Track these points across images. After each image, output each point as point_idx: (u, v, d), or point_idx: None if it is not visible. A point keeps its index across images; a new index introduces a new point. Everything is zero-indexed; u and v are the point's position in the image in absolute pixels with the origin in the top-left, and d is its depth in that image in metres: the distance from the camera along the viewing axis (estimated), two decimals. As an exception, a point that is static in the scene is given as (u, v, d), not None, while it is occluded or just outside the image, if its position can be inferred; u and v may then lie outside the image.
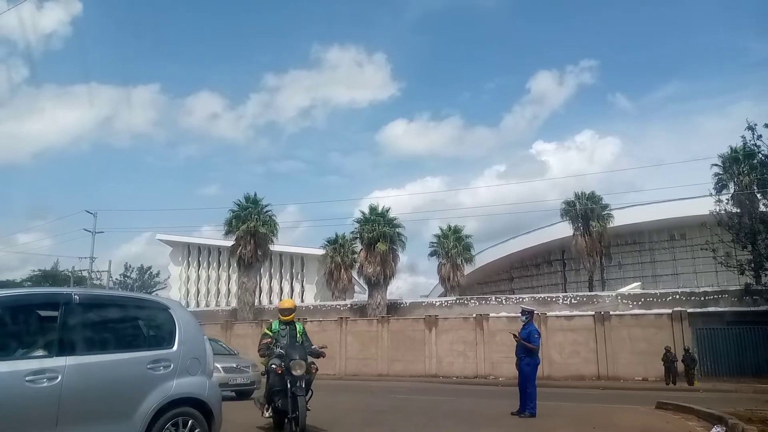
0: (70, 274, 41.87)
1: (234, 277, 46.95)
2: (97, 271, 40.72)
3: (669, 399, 12.06)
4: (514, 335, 10.37)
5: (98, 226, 38.86)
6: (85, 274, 39.64)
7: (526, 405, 9.82)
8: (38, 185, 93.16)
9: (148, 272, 52.94)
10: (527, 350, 10.15)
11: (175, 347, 5.38)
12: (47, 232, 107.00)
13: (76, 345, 4.70)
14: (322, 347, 8.34)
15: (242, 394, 13.50)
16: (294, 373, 7.37)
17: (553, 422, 9.31)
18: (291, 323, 8.40)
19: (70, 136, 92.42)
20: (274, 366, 7.69)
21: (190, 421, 5.20)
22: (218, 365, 11.63)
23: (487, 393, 17.31)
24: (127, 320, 5.47)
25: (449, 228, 37.38)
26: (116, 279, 47.60)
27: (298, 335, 8.24)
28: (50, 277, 44.73)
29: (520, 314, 10.72)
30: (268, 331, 8.43)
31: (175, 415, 5.09)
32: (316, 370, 8.00)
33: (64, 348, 4.59)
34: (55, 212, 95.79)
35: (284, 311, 8.52)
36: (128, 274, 51.90)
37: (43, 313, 4.89)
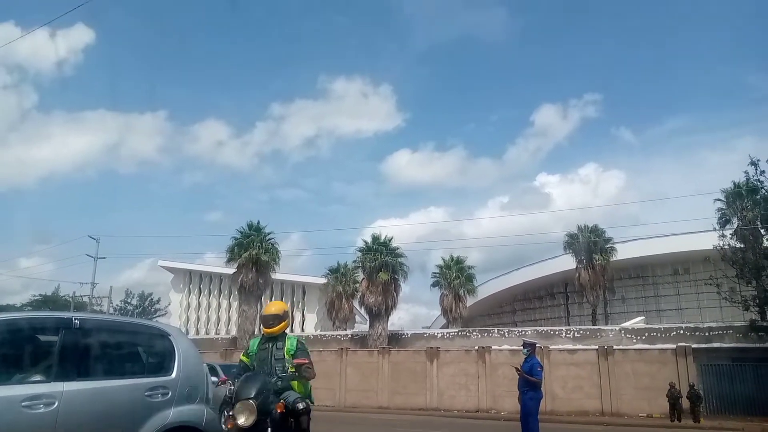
0: (70, 299, 41.74)
1: (234, 305, 46.68)
2: (98, 297, 40.59)
3: None
4: (516, 368, 10.24)
5: (101, 252, 38.95)
6: (86, 299, 39.53)
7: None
8: (43, 210, 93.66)
9: (149, 299, 52.80)
10: (529, 384, 10.00)
11: (173, 374, 5.31)
12: (50, 257, 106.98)
13: (74, 370, 4.65)
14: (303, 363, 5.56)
15: None
16: (239, 423, 5.05)
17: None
18: (275, 338, 5.77)
19: (77, 161, 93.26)
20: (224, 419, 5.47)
21: None
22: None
23: (489, 428, 17.01)
24: (126, 346, 5.43)
25: (452, 259, 37.25)
26: (117, 305, 47.47)
27: (285, 355, 5.64)
28: (51, 302, 44.60)
29: (522, 347, 10.63)
30: (243, 357, 6.01)
31: None
32: (305, 411, 5.45)
33: (62, 373, 4.54)
34: (58, 237, 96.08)
35: (266, 320, 5.85)
36: (129, 301, 51.79)
37: (42, 337, 4.86)
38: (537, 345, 11.20)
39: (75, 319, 4.88)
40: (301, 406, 5.39)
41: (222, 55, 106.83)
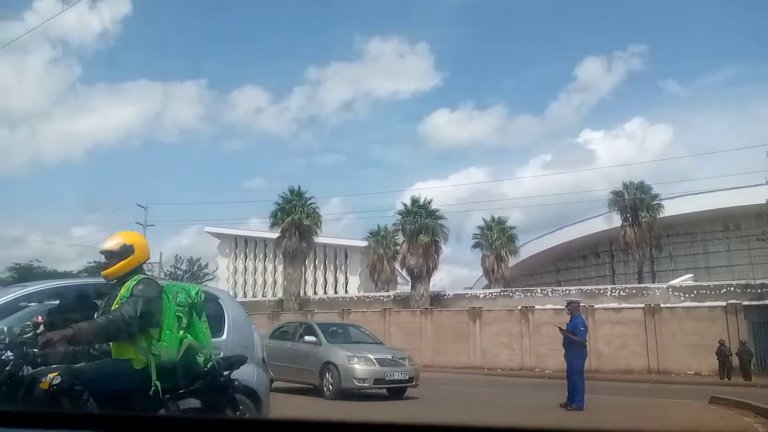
0: (123, 265, 43.28)
1: (279, 268, 47.77)
2: (150, 263, 42.05)
3: (723, 394, 11.68)
4: (560, 328, 10.25)
5: (149, 220, 40.23)
6: (137, 265, 40.94)
7: (574, 397, 9.70)
8: (92, 181, 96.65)
9: (198, 264, 54.34)
10: (573, 343, 10.01)
11: (224, 336, 5.48)
12: (101, 225, 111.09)
13: None
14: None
15: (397, 392, 11.52)
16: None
17: (601, 416, 9.17)
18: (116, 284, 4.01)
19: (122, 132, 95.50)
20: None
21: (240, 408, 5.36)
22: (371, 356, 11.02)
23: (533, 385, 17.15)
24: None
25: (493, 219, 37.02)
26: (167, 270, 49.06)
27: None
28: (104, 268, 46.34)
29: (565, 307, 10.62)
30: None
31: None
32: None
33: None
34: (108, 206, 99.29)
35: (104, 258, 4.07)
36: (179, 266, 53.38)
37: (99, 302, 5.13)
38: (581, 303, 11.14)
39: None
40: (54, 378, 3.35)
41: (257, 20, 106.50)
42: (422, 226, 33.13)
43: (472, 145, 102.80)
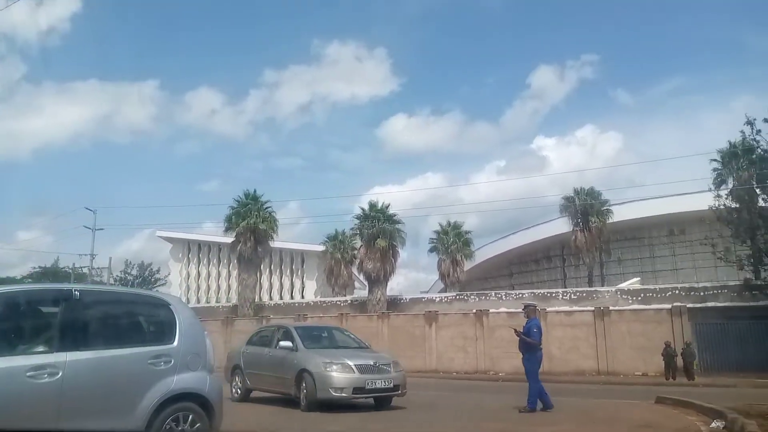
0: (70, 271, 41.91)
1: (234, 273, 46.96)
2: (98, 268, 40.74)
3: (669, 394, 12.11)
4: (515, 330, 10.42)
5: (98, 223, 39.01)
6: (85, 271, 39.70)
7: (528, 401, 9.87)
8: (38, 182, 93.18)
9: (149, 269, 52.99)
10: (527, 345, 10.19)
11: (175, 343, 5.39)
12: (47, 230, 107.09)
13: (76, 341, 4.74)
14: None
15: (382, 402, 10.61)
16: None
17: (553, 417, 9.34)
18: None
19: (70, 132, 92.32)
20: None
21: (191, 416, 5.24)
22: (350, 363, 9.98)
23: (488, 388, 17.36)
24: (127, 316, 5.55)
25: (449, 224, 37.41)
26: (117, 276, 47.65)
27: None
28: (50, 273, 44.78)
29: (522, 310, 10.84)
30: None
31: (176, 410, 5.13)
32: None
33: (64, 344, 4.63)
34: (55, 209, 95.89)
35: None
36: (129, 271, 51.95)
37: (44, 309, 4.95)
38: (536, 307, 11.37)
39: (75, 290, 4.96)
40: None
41: (213, 21, 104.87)
42: (380, 231, 33.17)
43: (430, 150, 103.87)
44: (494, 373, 25.22)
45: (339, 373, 9.90)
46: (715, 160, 29.29)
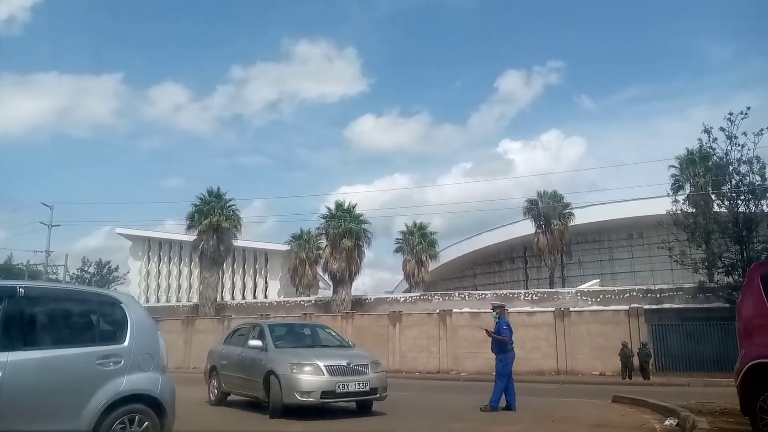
0: (24, 268, 40.50)
1: (195, 272, 46.18)
2: (54, 265, 39.49)
3: (625, 393, 12.35)
4: (486, 330, 10.50)
5: (55, 219, 37.77)
6: (40, 268, 38.40)
7: (491, 398, 9.94)
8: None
9: (107, 267, 51.70)
10: (500, 345, 10.28)
11: (126, 342, 5.25)
12: (1, 225, 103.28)
13: (20, 340, 4.57)
14: None
15: (364, 406, 9.69)
16: None
17: (513, 416, 9.42)
18: None
19: (28, 125, 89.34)
20: None
21: (139, 418, 5.08)
22: (320, 363, 8.93)
23: (451, 388, 17.43)
24: (75, 314, 5.37)
25: (415, 225, 37.57)
26: (73, 273, 46.32)
27: None
28: (3, 270, 43.22)
29: (492, 310, 10.94)
30: None
31: (125, 412, 4.98)
32: None
33: (6, 343, 4.45)
34: (9, 204, 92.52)
35: None
36: (86, 269, 50.57)
37: None
38: (504, 306, 11.51)
39: (20, 287, 4.77)
40: None
41: (181, 15, 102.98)
42: (346, 231, 33.06)
43: (397, 151, 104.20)
44: (457, 372, 25.39)
45: (307, 375, 8.86)
46: (673, 166, 30.27)
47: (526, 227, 38.57)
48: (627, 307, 25.10)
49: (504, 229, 45.52)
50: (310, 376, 8.91)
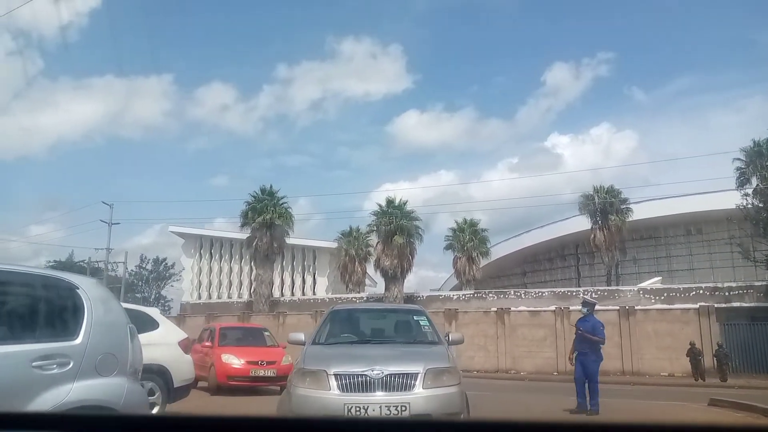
0: (86, 265, 41.79)
1: (246, 269, 46.79)
2: (114, 262, 40.61)
3: (705, 395, 11.87)
4: (578, 328, 10.17)
5: (114, 218, 38.80)
6: (101, 265, 39.54)
7: (591, 402, 9.60)
8: (52, 177, 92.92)
9: (164, 264, 52.82)
10: (591, 344, 9.94)
11: (79, 339, 4.05)
12: (61, 224, 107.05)
13: None
14: None
15: None
16: None
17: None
18: None
19: (84, 128, 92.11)
20: None
21: None
22: (329, 371, 6.13)
23: (519, 388, 17.10)
24: (11, 302, 4.20)
25: (465, 221, 37.17)
26: (132, 270, 47.54)
27: None
28: (66, 267, 44.68)
29: (581, 306, 10.60)
30: None
31: None
32: None
33: None
34: (68, 204, 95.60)
35: None
36: (144, 266, 51.80)
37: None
38: (595, 304, 11.13)
39: None
40: None
41: (228, 16, 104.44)
42: (397, 227, 32.93)
43: (442, 147, 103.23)
44: (515, 372, 25.00)
45: (304, 391, 6.13)
46: (738, 159, 29.01)
47: (578, 224, 37.69)
48: (696, 306, 24.22)
49: (555, 226, 44.64)
50: (310, 391, 6.09)
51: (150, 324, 8.57)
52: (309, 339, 7.40)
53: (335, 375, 6.00)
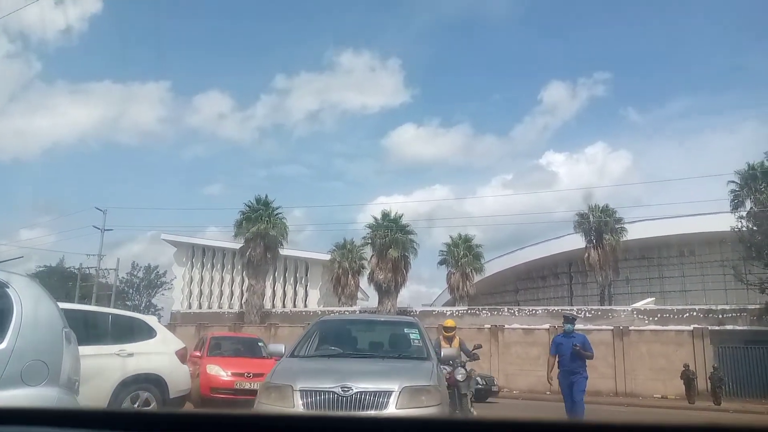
0: (76, 271, 41.31)
1: (238, 279, 46.42)
2: (105, 269, 40.18)
3: (698, 418, 11.73)
4: (577, 347, 10.04)
5: (106, 224, 38.45)
6: (92, 271, 39.14)
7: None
8: (45, 181, 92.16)
9: (155, 271, 52.32)
10: (583, 362, 9.84)
11: (4, 343, 3.64)
12: (53, 229, 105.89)
13: None
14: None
15: None
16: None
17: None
18: None
19: (79, 132, 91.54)
20: None
21: None
22: (295, 387, 5.57)
23: (510, 406, 16.93)
24: None
25: (459, 237, 37.10)
26: (122, 277, 47.04)
27: None
28: (56, 273, 44.16)
29: (564, 323, 10.50)
30: None
31: None
32: None
33: None
34: (60, 209, 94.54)
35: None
36: (135, 273, 51.28)
37: None
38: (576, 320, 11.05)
39: None
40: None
41: (228, 25, 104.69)
42: (392, 241, 32.82)
43: (437, 161, 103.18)
44: (509, 390, 24.79)
45: (268, 406, 5.64)
46: (733, 181, 29.20)
47: (572, 242, 37.72)
48: (691, 328, 24.22)
49: (548, 244, 44.64)
50: (274, 407, 5.54)
51: (147, 332, 8.40)
52: (288, 351, 6.90)
53: (301, 391, 5.51)
